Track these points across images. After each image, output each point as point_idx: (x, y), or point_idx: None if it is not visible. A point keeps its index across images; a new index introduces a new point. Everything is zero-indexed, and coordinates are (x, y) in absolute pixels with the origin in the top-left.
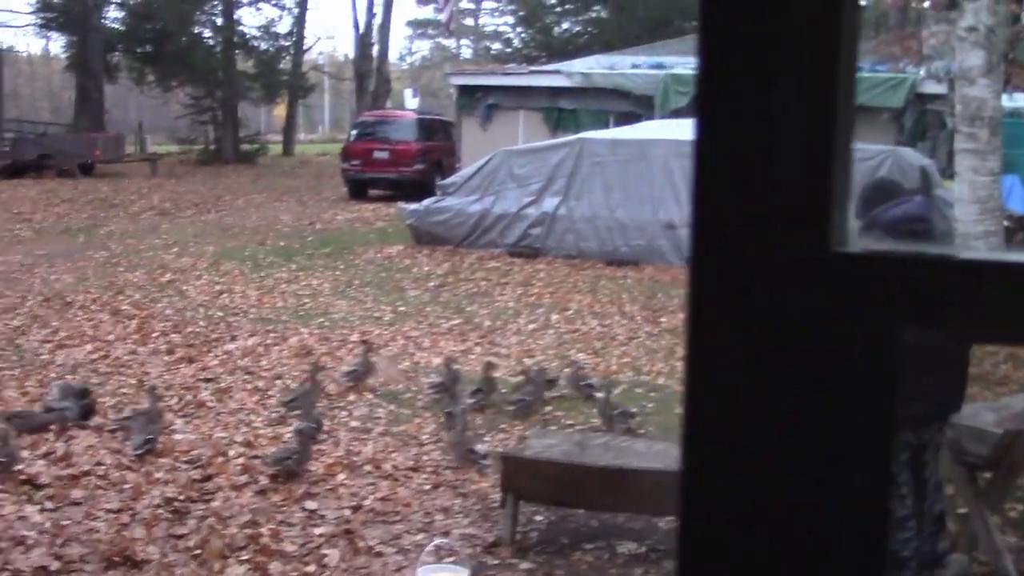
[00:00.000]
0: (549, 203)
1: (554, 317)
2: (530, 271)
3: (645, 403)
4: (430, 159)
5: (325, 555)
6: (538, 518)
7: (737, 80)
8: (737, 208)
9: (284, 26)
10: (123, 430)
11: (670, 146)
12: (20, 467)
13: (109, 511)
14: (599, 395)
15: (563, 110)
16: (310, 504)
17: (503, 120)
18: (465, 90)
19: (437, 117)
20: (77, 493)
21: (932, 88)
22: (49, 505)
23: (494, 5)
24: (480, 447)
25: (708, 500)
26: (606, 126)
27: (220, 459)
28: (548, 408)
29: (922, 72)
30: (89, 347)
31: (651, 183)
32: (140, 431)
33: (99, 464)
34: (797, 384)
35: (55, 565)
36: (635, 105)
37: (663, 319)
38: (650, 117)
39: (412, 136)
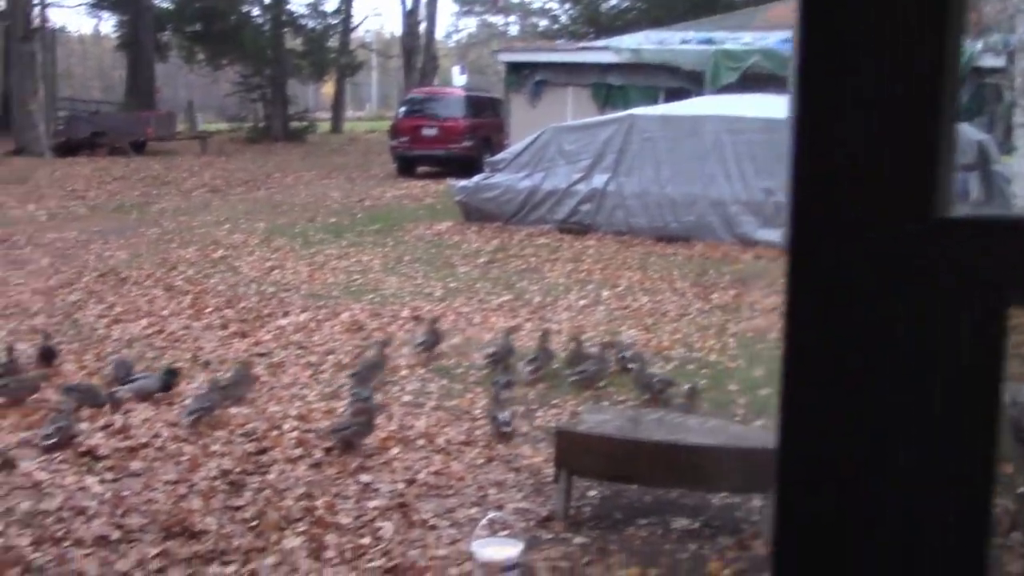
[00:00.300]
0: (599, 179)
1: (604, 293)
2: (580, 247)
3: (698, 380)
4: (479, 136)
5: (379, 528)
6: (591, 493)
7: (842, 48)
8: (841, 177)
9: (331, 4)
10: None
11: (721, 122)
12: (80, 439)
13: (167, 482)
14: (632, 366)
15: (612, 86)
16: (364, 477)
17: (552, 97)
18: (514, 67)
19: (485, 94)
20: (136, 465)
21: (990, 61)
22: (109, 476)
23: None
24: (504, 414)
25: (806, 477)
26: (655, 102)
27: (275, 432)
28: (601, 384)
29: (979, 45)
30: (144, 322)
31: (702, 159)
32: (202, 400)
33: (156, 436)
34: (899, 352)
35: (115, 534)
36: (685, 81)
37: (714, 296)
38: (700, 93)
39: (461, 113)
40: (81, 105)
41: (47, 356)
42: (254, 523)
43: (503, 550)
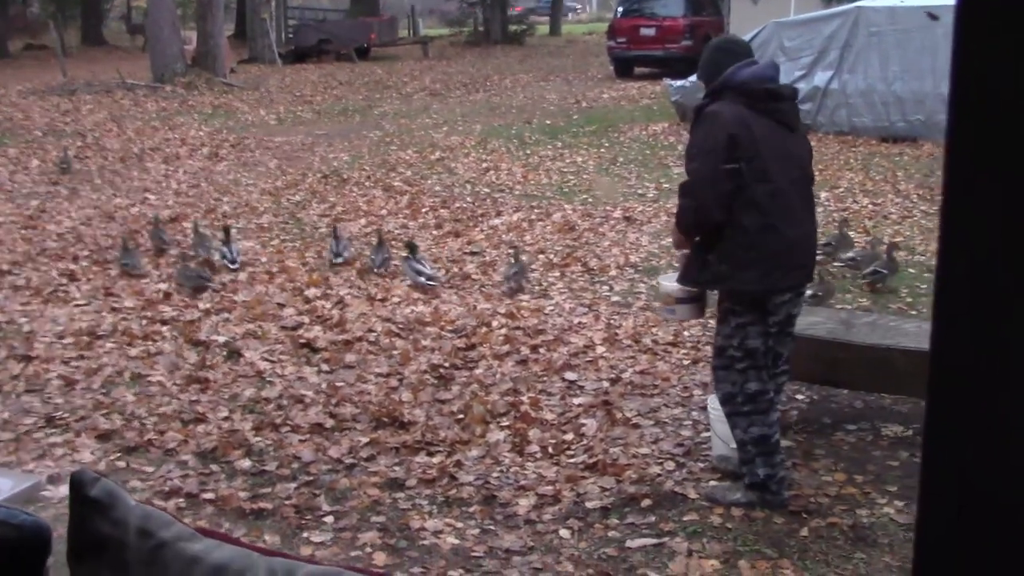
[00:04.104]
0: (820, 77)
1: (823, 195)
2: None
3: (919, 284)
4: (698, 35)
5: (583, 424)
6: (800, 397)
7: None
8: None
9: None
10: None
11: (954, 12)
12: (299, 331)
13: (379, 375)
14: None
15: None
16: (569, 375)
17: None
18: None
19: None
20: (350, 357)
21: None
22: (325, 368)
23: None
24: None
25: (955, 438)
26: None
27: (483, 329)
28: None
29: None
30: (363, 221)
31: (933, 53)
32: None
33: (370, 331)
34: None
35: (329, 423)
36: None
37: (940, 198)
38: None
39: (679, 12)
40: (309, 13)
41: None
42: (460, 416)
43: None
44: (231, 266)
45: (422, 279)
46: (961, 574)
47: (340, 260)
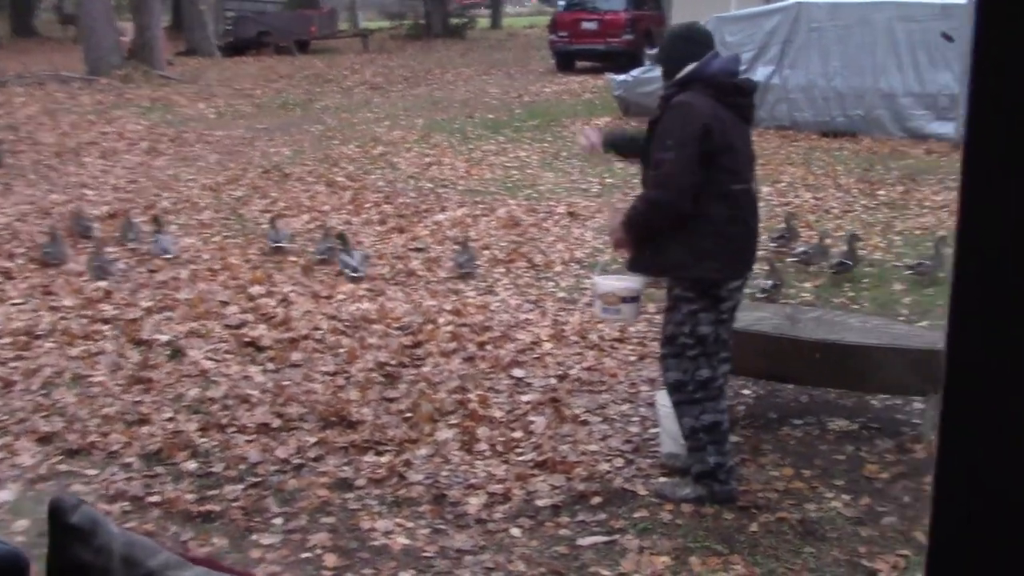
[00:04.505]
0: (762, 72)
1: (765, 189)
2: None
3: (862, 279)
4: (639, 29)
5: (532, 422)
6: (746, 392)
7: None
8: None
9: None
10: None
11: (894, 9)
12: (244, 330)
13: (325, 374)
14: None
15: None
16: (517, 372)
17: None
18: None
19: None
20: (296, 356)
21: None
22: (271, 367)
23: None
24: None
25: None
26: None
27: (430, 326)
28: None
29: None
30: (306, 217)
31: (872, 50)
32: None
33: (316, 329)
34: None
35: (276, 423)
36: None
37: (881, 192)
38: None
39: (621, 6)
40: (248, 5)
41: None
42: (408, 415)
43: (624, 281)
44: (165, 255)
45: (348, 271)
46: (974, 573)
47: (280, 245)
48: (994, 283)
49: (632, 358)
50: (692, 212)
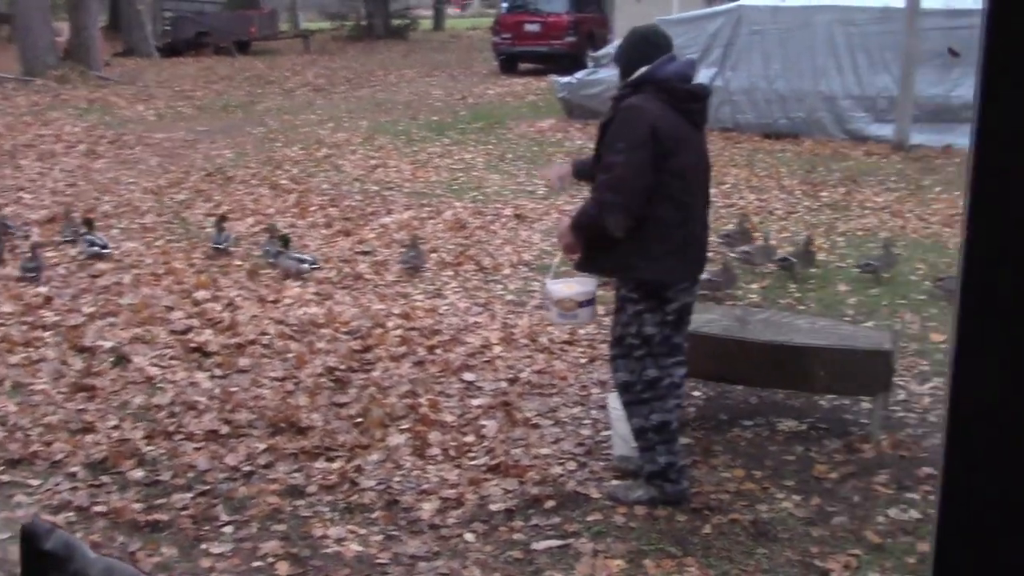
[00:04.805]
0: (704, 74)
1: (710, 191)
2: None
3: (808, 280)
4: (582, 31)
5: (483, 426)
6: (696, 393)
7: None
8: None
9: None
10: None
11: (835, 12)
12: (190, 335)
13: (274, 379)
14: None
15: None
16: (468, 376)
17: None
18: None
19: None
20: (243, 361)
21: None
22: (218, 372)
23: None
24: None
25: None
26: None
27: (379, 330)
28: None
29: None
30: (251, 220)
31: (813, 52)
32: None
33: (263, 334)
34: None
35: (225, 429)
36: None
37: (823, 193)
38: None
39: (564, 8)
40: (186, 5)
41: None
42: (359, 420)
43: (577, 285)
44: (103, 251)
45: (305, 266)
46: (979, 573)
47: (221, 247)
48: (1000, 288)
49: (582, 360)
50: (642, 215)
